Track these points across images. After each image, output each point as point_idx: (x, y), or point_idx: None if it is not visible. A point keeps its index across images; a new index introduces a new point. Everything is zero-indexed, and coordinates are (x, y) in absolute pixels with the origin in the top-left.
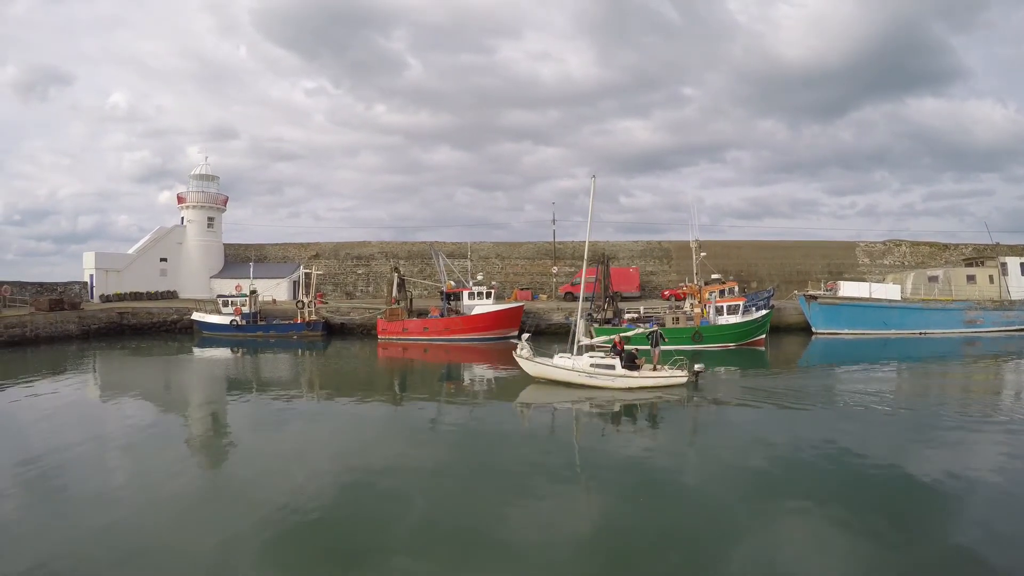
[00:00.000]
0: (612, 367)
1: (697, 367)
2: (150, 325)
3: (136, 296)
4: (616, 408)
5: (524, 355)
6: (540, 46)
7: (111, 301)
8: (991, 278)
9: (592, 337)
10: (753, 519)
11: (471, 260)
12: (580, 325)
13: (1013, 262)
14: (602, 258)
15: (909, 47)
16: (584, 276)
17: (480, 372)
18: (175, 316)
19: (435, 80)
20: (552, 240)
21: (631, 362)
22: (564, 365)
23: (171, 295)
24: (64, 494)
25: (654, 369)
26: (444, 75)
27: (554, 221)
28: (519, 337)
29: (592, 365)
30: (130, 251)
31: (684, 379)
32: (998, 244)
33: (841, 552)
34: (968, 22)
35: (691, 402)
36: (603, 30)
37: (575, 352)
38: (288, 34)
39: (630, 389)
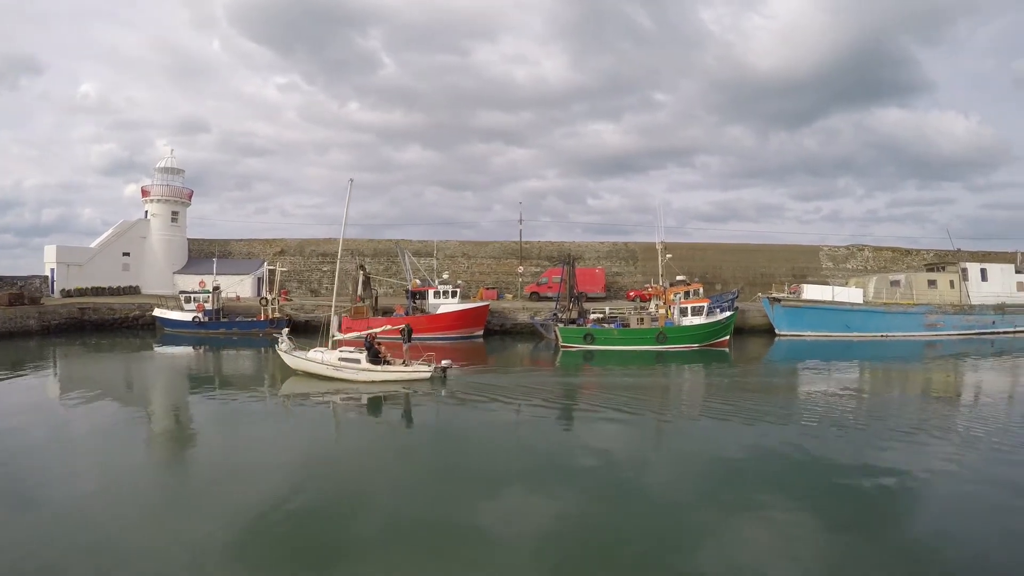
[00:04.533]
0: (358, 361)
1: (444, 363)
2: (111, 321)
3: (98, 291)
4: (364, 400)
5: (283, 348)
6: (515, 49)
7: (72, 296)
8: (952, 283)
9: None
10: (722, 517)
11: (437, 259)
12: (334, 321)
13: (973, 268)
14: (568, 258)
15: (877, 59)
16: (338, 272)
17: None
18: (137, 312)
19: (409, 79)
20: (519, 240)
21: (375, 357)
22: (315, 359)
23: (133, 290)
24: (25, 493)
25: (404, 363)
26: (419, 75)
27: (521, 221)
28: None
29: (340, 359)
30: (92, 245)
31: (428, 374)
32: (959, 250)
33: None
34: (935, 37)
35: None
36: (578, 35)
37: (329, 346)
38: (263, 29)
39: (374, 382)
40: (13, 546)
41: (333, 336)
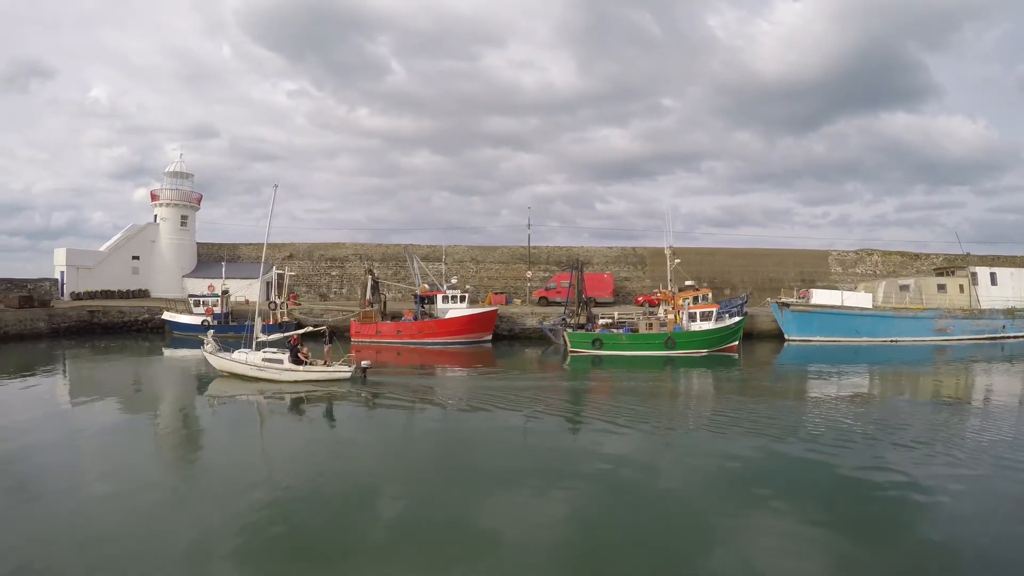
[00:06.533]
0: (280, 361)
1: (364, 363)
2: (121, 324)
3: (107, 294)
4: (285, 400)
5: (208, 350)
6: (523, 55)
7: (82, 299)
8: (961, 287)
9: None
10: (728, 521)
11: (445, 263)
12: (258, 323)
13: (983, 272)
14: (576, 263)
15: (883, 64)
16: (262, 274)
17: (452, 375)
18: (146, 315)
19: (418, 85)
20: (527, 245)
21: (296, 357)
22: (240, 359)
23: (142, 294)
24: (34, 493)
25: (325, 364)
26: (427, 80)
27: (529, 226)
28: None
29: (263, 360)
30: (102, 248)
31: (348, 374)
32: (968, 254)
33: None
34: (941, 42)
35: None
36: (585, 41)
37: (254, 347)
38: (273, 35)
39: (296, 382)
40: (20, 544)
41: (257, 338)
